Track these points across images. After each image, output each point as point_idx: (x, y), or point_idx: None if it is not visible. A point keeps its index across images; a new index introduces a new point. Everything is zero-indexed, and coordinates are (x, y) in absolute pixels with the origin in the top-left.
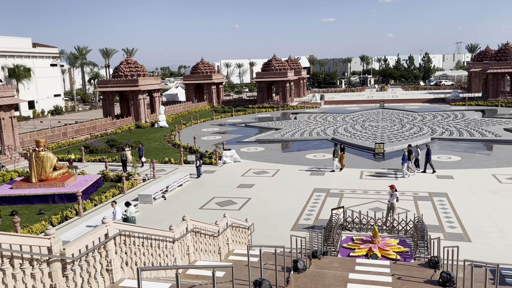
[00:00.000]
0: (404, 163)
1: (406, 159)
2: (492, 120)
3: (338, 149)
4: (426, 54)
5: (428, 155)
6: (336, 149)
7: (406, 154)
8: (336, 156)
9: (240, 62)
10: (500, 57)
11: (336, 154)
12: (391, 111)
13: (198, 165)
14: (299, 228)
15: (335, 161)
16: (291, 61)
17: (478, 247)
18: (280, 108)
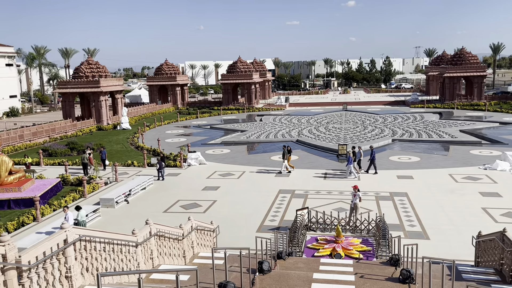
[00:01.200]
0: (349, 164)
1: (351, 160)
2: (448, 122)
3: (286, 151)
4: (387, 58)
5: (372, 156)
6: (285, 151)
7: (351, 156)
8: (285, 158)
9: (205, 64)
10: (456, 62)
11: (285, 156)
12: (353, 113)
13: (159, 167)
14: (264, 230)
15: (285, 162)
16: (256, 64)
17: (436, 244)
18: (246, 110)
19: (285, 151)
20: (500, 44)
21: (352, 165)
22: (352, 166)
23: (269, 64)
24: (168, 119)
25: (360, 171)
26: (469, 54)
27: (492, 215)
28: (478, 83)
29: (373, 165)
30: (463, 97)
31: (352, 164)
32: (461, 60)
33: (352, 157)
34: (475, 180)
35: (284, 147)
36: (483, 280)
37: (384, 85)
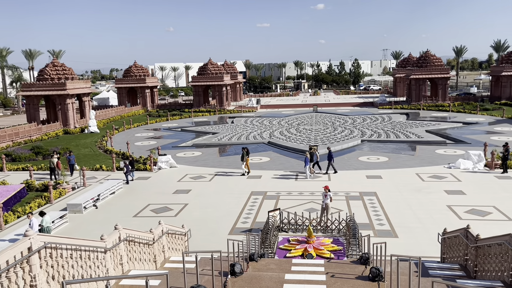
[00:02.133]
0: (306, 165)
1: (308, 162)
2: (415, 123)
3: (245, 153)
4: (356, 60)
5: (330, 157)
6: (243, 152)
7: (308, 157)
8: (244, 160)
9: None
10: (421, 64)
11: (243, 158)
12: (324, 115)
13: (125, 171)
14: (236, 232)
15: (243, 165)
16: (227, 66)
17: (404, 242)
18: (217, 112)
19: (244, 153)
20: (463, 47)
21: (308, 166)
22: (308, 167)
23: (240, 66)
24: (138, 122)
25: (320, 172)
26: (434, 56)
27: (457, 212)
28: (443, 84)
29: (331, 165)
30: (428, 98)
31: (308, 165)
32: (426, 63)
33: (309, 158)
34: (441, 179)
35: (242, 149)
36: (449, 275)
37: (353, 87)
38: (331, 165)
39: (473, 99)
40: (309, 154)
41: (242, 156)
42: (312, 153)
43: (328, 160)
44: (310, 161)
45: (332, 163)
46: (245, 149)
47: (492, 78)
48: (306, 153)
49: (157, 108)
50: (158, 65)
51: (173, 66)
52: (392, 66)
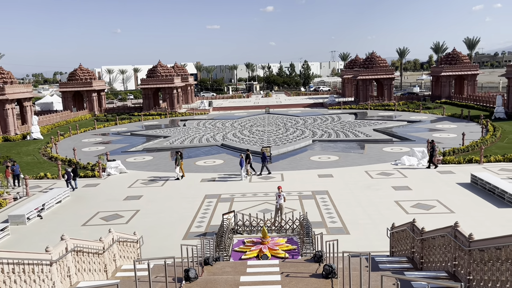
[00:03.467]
0: (242, 167)
1: (243, 163)
2: (363, 122)
3: (179, 157)
4: (305, 62)
5: (263, 159)
6: (177, 156)
7: (243, 159)
8: (178, 164)
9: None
10: (368, 65)
11: (177, 162)
12: (276, 116)
13: (67, 178)
14: (191, 237)
15: (177, 169)
16: (178, 68)
17: (355, 238)
18: (168, 115)
19: (178, 157)
20: (405, 48)
21: (244, 167)
22: (243, 168)
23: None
24: (85, 127)
25: (255, 173)
26: (379, 58)
27: (404, 207)
28: (388, 85)
29: (265, 166)
30: (375, 98)
31: (244, 167)
32: (372, 64)
33: (245, 160)
34: (388, 176)
35: (176, 153)
36: (397, 268)
37: (303, 88)
38: (265, 166)
39: (416, 98)
40: (244, 156)
41: (176, 160)
42: (248, 155)
43: (262, 161)
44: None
45: (266, 164)
46: (178, 152)
47: (433, 78)
48: (241, 155)
49: (105, 112)
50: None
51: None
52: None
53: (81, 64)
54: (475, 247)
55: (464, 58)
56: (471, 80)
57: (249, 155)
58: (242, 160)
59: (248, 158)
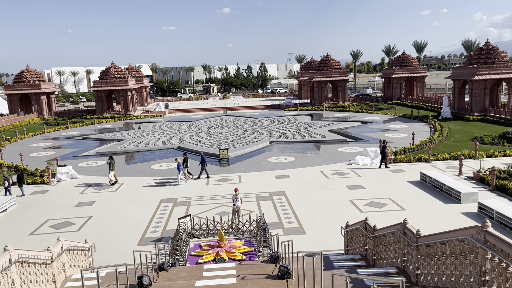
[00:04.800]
0: (179, 171)
1: (181, 167)
2: (319, 123)
3: (112, 161)
4: (262, 64)
5: (202, 162)
6: (111, 161)
7: (180, 163)
8: (112, 169)
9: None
10: (323, 67)
11: (111, 166)
12: (233, 118)
13: (7, 186)
14: (146, 242)
15: (111, 174)
16: (132, 69)
17: (312, 238)
18: (123, 118)
19: (111, 162)
20: (359, 51)
21: (182, 171)
22: (181, 172)
23: (146, 70)
24: (33, 131)
25: (192, 177)
26: (334, 60)
27: (358, 206)
28: (342, 86)
29: (204, 170)
30: (330, 99)
31: (181, 171)
32: (327, 66)
33: (182, 164)
34: (343, 175)
35: (110, 157)
36: (351, 266)
37: (261, 90)
38: (204, 169)
39: (369, 100)
40: (181, 159)
41: (109, 164)
42: (186, 159)
43: (201, 164)
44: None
45: (205, 167)
46: (111, 157)
47: (385, 80)
48: (177, 159)
49: (55, 116)
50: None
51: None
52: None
53: (28, 66)
54: (422, 243)
55: (414, 61)
56: (420, 82)
57: (186, 158)
58: (179, 164)
59: (185, 162)
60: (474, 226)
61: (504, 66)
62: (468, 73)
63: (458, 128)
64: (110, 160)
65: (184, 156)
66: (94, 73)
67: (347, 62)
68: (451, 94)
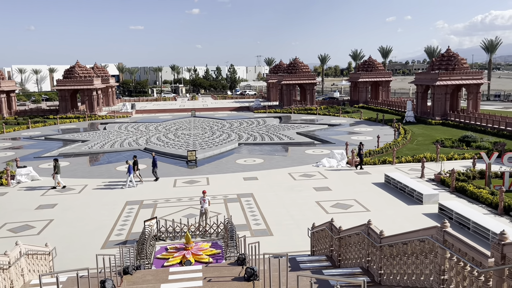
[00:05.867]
0: (130, 174)
1: (131, 170)
2: (287, 125)
3: (58, 164)
4: (232, 66)
5: (154, 164)
6: (56, 164)
7: (131, 165)
8: (57, 172)
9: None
10: (291, 70)
11: (56, 169)
12: (202, 119)
13: None
14: (110, 245)
15: (58, 177)
16: (98, 69)
17: (279, 239)
18: (87, 118)
19: (57, 165)
20: (326, 55)
21: (133, 174)
22: (131, 175)
23: (113, 70)
24: None
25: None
26: (302, 63)
27: (324, 207)
28: (310, 89)
29: (154, 172)
30: (298, 102)
31: (132, 174)
32: (295, 69)
33: (132, 166)
34: (310, 177)
35: (54, 160)
36: (317, 267)
37: (230, 91)
38: (153, 172)
39: (336, 103)
40: (132, 162)
41: (56, 167)
42: (136, 162)
43: (152, 166)
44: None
45: (155, 169)
46: (56, 160)
47: (351, 83)
48: (128, 162)
49: (15, 115)
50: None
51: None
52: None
53: None
54: (386, 243)
55: (379, 66)
56: (385, 86)
57: (136, 161)
58: (130, 166)
59: (136, 164)
60: (434, 227)
61: (463, 73)
62: (430, 79)
63: (420, 131)
64: (55, 163)
65: (134, 158)
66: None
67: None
68: (415, 98)
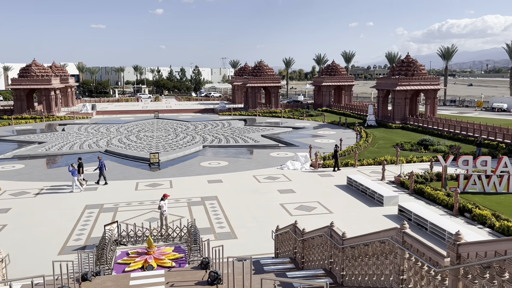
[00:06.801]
0: (75, 177)
1: (75, 173)
2: (252, 128)
3: None
4: (196, 67)
5: (101, 167)
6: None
7: (75, 168)
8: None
9: None
10: (256, 73)
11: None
12: (165, 121)
13: None
14: (68, 251)
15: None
16: (56, 68)
17: (243, 242)
18: (45, 119)
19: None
20: (291, 59)
21: (77, 177)
22: (76, 178)
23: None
24: None
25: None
26: (267, 67)
27: (288, 209)
28: (275, 92)
29: (102, 175)
30: (263, 105)
31: (77, 177)
32: (260, 72)
33: (76, 170)
34: (274, 180)
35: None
36: (281, 269)
37: (194, 93)
38: (102, 175)
39: (300, 106)
40: (76, 165)
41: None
42: (81, 164)
43: (100, 169)
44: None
45: (103, 172)
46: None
47: (315, 87)
48: (72, 165)
49: None
50: None
51: None
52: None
53: None
54: (348, 245)
55: (342, 70)
56: (348, 90)
57: (81, 164)
58: (74, 169)
59: (81, 167)
60: (393, 228)
61: (422, 78)
62: (391, 84)
63: (381, 135)
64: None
65: (79, 161)
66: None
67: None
68: (376, 103)
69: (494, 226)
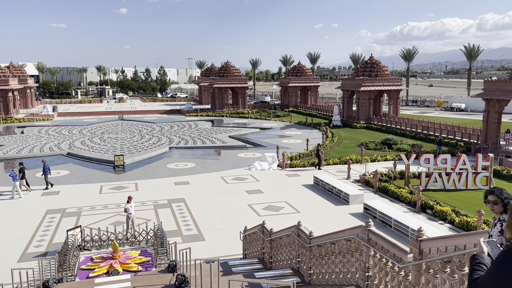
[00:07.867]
0: (15, 182)
1: (16, 178)
2: (219, 129)
3: None
4: (162, 68)
5: (44, 171)
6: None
7: (16, 173)
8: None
9: None
10: (223, 74)
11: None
12: (130, 123)
13: None
14: (28, 258)
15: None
16: (14, 68)
17: (211, 244)
18: (2, 121)
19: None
20: (258, 60)
21: (19, 182)
22: (18, 184)
23: (31, 69)
24: None
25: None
26: (233, 67)
27: (256, 210)
28: (242, 93)
29: (45, 179)
30: (230, 106)
31: (18, 182)
32: (227, 73)
33: (18, 174)
34: (242, 180)
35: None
36: (249, 270)
37: (160, 94)
38: (45, 179)
39: (267, 107)
40: (18, 170)
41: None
42: (22, 169)
43: (44, 173)
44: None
45: (47, 177)
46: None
47: (282, 88)
48: (13, 169)
49: None
50: None
51: None
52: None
53: None
54: (315, 244)
55: (308, 71)
56: (314, 91)
57: (23, 168)
58: (14, 174)
59: (22, 172)
60: (359, 226)
61: (385, 79)
62: (355, 84)
63: (347, 135)
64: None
65: (20, 165)
66: None
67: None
68: (341, 103)
69: (454, 222)
